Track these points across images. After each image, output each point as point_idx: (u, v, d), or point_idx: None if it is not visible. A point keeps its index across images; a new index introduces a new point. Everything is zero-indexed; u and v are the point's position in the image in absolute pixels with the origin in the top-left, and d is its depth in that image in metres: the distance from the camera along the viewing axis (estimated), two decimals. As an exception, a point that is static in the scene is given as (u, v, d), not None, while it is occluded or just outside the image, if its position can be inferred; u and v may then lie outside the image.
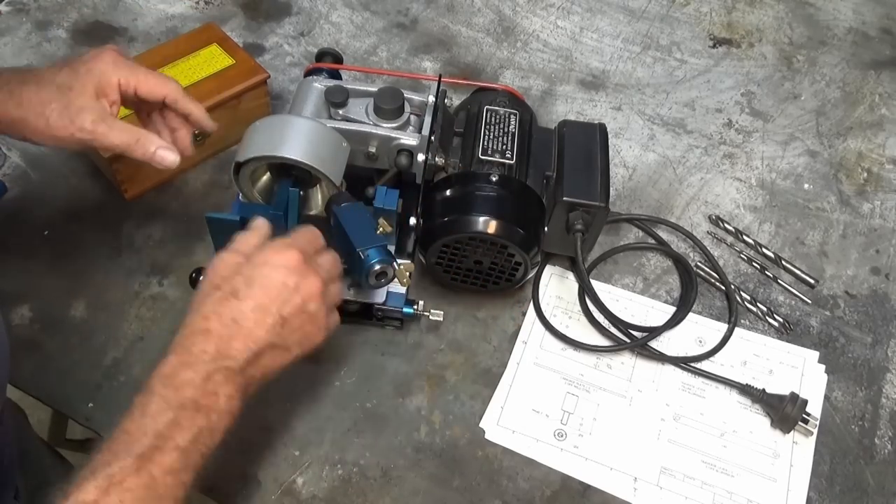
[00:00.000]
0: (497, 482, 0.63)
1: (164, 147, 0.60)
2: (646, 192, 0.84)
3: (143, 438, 0.45)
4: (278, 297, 0.51)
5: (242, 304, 0.51)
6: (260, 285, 0.51)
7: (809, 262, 0.79)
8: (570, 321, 0.73)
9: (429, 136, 0.67)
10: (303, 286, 0.52)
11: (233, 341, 0.50)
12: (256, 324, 0.51)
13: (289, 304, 0.52)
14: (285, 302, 0.52)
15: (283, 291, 0.52)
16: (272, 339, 0.51)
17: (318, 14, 1.00)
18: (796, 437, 0.67)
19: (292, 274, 0.52)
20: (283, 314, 0.51)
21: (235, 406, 0.49)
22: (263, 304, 0.51)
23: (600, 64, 0.98)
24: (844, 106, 0.95)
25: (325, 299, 0.54)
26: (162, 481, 0.44)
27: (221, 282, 0.52)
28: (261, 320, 0.51)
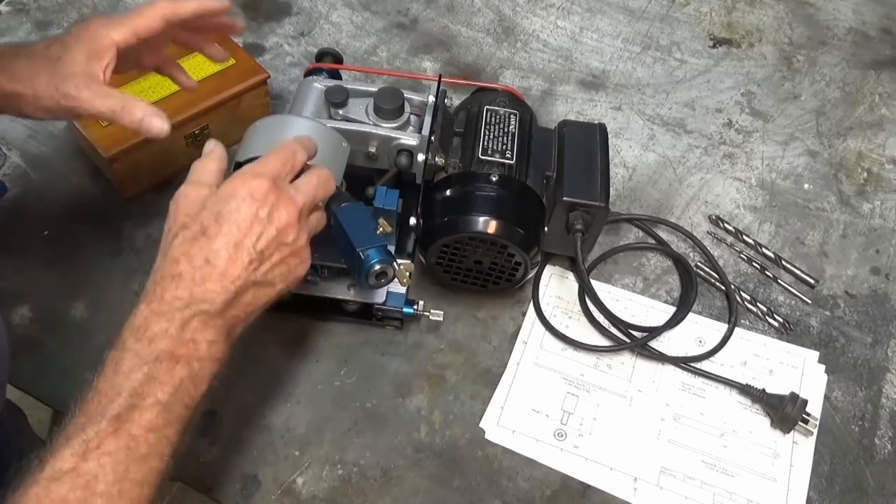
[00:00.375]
0: (497, 482, 0.63)
1: (151, 114, 0.54)
2: (646, 192, 0.84)
3: (118, 398, 0.43)
4: (251, 231, 0.48)
5: (213, 242, 0.48)
6: (230, 220, 0.48)
7: (809, 262, 0.79)
8: (570, 321, 0.73)
9: (429, 136, 0.67)
10: (276, 216, 0.49)
11: (207, 283, 0.47)
12: (231, 262, 0.48)
13: (263, 236, 0.49)
14: (260, 235, 0.48)
15: (255, 224, 0.48)
16: (251, 276, 0.48)
17: (318, 14, 1.00)
18: (796, 437, 0.67)
19: (263, 204, 0.49)
20: (259, 248, 0.48)
21: (220, 350, 0.48)
22: (236, 239, 0.48)
23: (600, 64, 0.98)
24: (844, 106, 0.95)
25: (303, 227, 0.51)
26: (143, 440, 0.43)
27: (188, 219, 0.49)
28: (235, 257, 0.48)
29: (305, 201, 0.52)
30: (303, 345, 0.69)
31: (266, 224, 0.49)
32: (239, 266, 0.48)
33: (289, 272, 0.51)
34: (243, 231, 0.48)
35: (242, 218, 0.48)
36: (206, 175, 0.51)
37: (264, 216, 0.49)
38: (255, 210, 0.49)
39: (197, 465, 0.62)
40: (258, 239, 0.48)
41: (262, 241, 0.49)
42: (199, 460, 0.62)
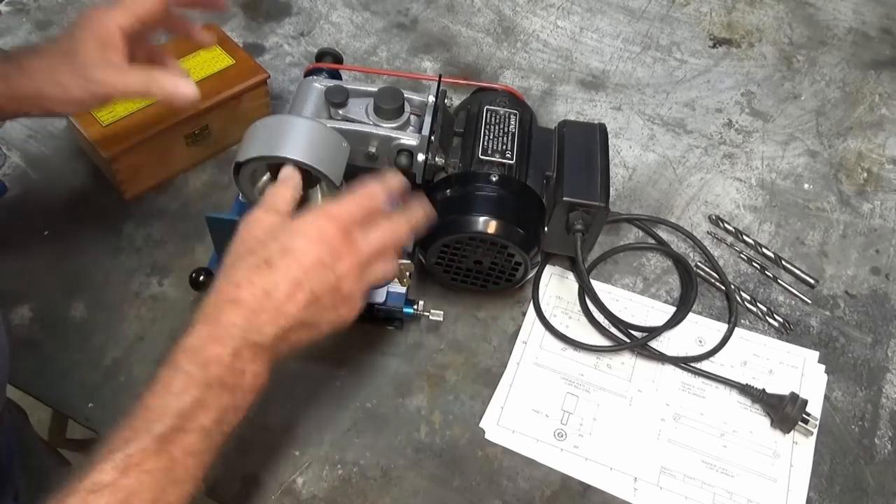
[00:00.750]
0: (497, 482, 0.63)
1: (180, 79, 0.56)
2: (646, 192, 0.84)
3: (165, 417, 0.43)
4: (312, 273, 0.48)
5: (276, 275, 0.48)
6: (295, 257, 0.48)
7: (809, 262, 0.79)
8: (570, 321, 0.73)
9: (429, 136, 0.67)
10: (339, 265, 0.49)
11: (263, 314, 0.47)
12: (288, 299, 0.48)
13: (324, 282, 0.49)
14: (320, 280, 0.49)
15: (317, 268, 0.48)
16: (303, 316, 0.48)
17: (318, 14, 1.00)
18: (796, 437, 0.67)
19: (331, 250, 0.49)
20: (317, 292, 0.48)
21: (261, 384, 0.48)
22: (297, 278, 0.48)
23: (600, 64, 0.98)
24: (844, 106, 0.95)
25: (362, 279, 0.51)
26: (182, 463, 0.43)
27: (256, 245, 0.49)
28: (293, 296, 0.48)
29: (371, 253, 0.51)
30: (303, 345, 0.69)
31: (328, 270, 0.49)
32: (294, 305, 0.48)
33: (336, 318, 0.51)
34: (305, 272, 0.48)
35: (307, 259, 0.48)
36: (281, 203, 0.52)
37: (328, 262, 0.49)
38: (320, 254, 0.49)
39: (197, 465, 0.62)
40: (318, 283, 0.49)
41: (321, 286, 0.49)
42: (199, 460, 0.62)
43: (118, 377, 0.66)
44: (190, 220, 0.77)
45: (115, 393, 0.65)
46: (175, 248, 0.75)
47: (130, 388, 0.66)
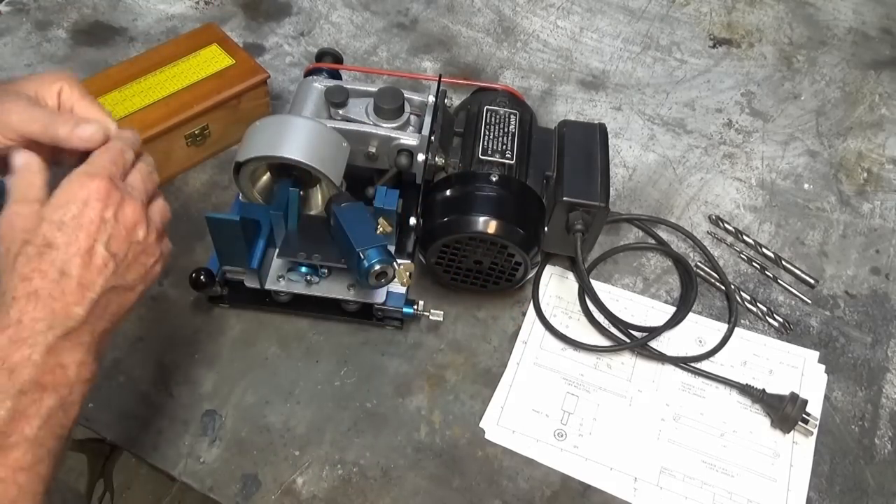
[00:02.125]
0: (497, 482, 0.63)
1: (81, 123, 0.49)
2: (646, 192, 0.84)
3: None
4: (100, 234, 0.45)
5: (62, 251, 0.44)
6: (74, 226, 0.45)
7: (809, 262, 0.79)
8: (570, 321, 0.73)
9: (429, 136, 0.67)
10: (121, 215, 0.47)
11: (66, 297, 0.44)
12: (86, 268, 0.45)
13: (114, 237, 0.46)
14: (110, 237, 0.46)
15: (102, 226, 0.46)
16: (109, 280, 0.46)
17: (318, 14, 1.00)
18: (796, 437, 0.67)
19: (108, 204, 0.46)
20: (112, 250, 0.46)
21: (90, 371, 0.45)
22: (86, 245, 0.45)
23: (600, 64, 0.98)
24: (844, 106, 0.95)
25: (150, 222, 0.49)
26: (12, 481, 0.40)
27: (27, 236, 0.45)
28: (90, 263, 0.45)
29: (142, 197, 0.49)
30: (303, 345, 0.69)
31: (114, 224, 0.46)
32: (95, 272, 0.45)
33: (146, 272, 0.49)
34: (92, 235, 0.45)
35: (88, 221, 0.45)
36: (32, 191, 0.47)
37: (110, 217, 0.46)
38: (99, 212, 0.46)
39: (197, 465, 0.62)
40: (109, 240, 0.46)
41: (113, 242, 0.46)
42: (199, 460, 0.62)
43: (118, 377, 0.66)
44: (190, 220, 0.77)
45: (115, 393, 0.65)
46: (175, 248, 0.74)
47: (130, 388, 0.66)
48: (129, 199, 0.47)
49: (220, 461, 0.62)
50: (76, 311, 0.44)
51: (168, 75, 0.78)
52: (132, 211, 0.47)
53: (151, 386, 0.66)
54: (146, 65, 0.79)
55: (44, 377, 0.42)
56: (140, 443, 0.63)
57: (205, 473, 0.62)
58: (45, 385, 0.42)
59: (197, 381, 0.66)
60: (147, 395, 0.65)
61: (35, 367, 0.42)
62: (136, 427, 0.63)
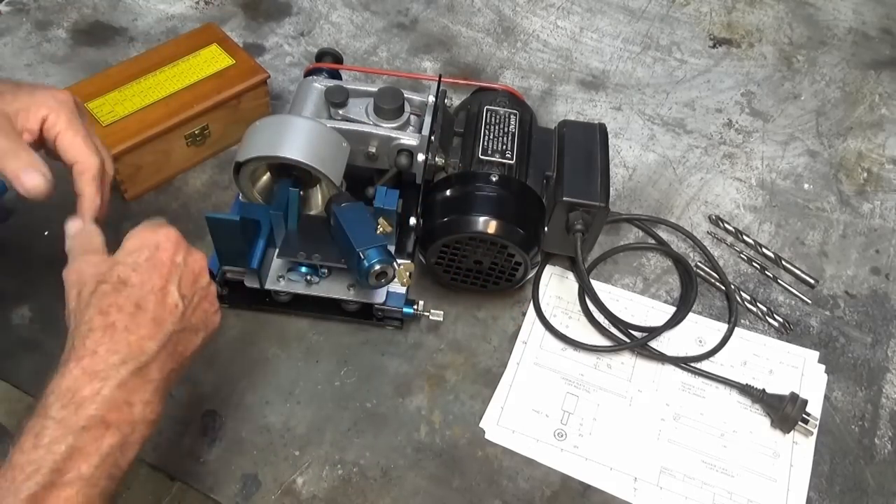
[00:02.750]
0: (497, 482, 0.63)
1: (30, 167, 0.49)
2: (646, 192, 0.84)
3: (35, 475, 0.38)
4: (171, 275, 0.47)
5: (138, 288, 0.45)
6: (148, 267, 0.46)
7: (809, 262, 0.79)
8: (570, 321, 0.73)
9: (429, 136, 0.67)
10: (190, 260, 0.49)
11: (141, 329, 0.44)
12: (160, 306, 0.45)
13: (184, 280, 0.47)
14: (181, 279, 0.47)
15: (174, 269, 0.47)
16: (179, 321, 0.46)
17: (318, 14, 1.00)
18: (796, 437, 0.67)
19: (177, 250, 0.48)
20: (183, 292, 0.47)
21: (154, 412, 0.44)
22: (160, 284, 0.46)
23: (600, 64, 0.98)
24: (844, 106, 0.95)
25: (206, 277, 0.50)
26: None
27: (101, 277, 0.45)
28: (163, 301, 0.46)
29: None
30: (303, 345, 0.69)
31: (184, 268, 0.48)
32: (167, 310, 0.46)
33: (207, 318, 0.50)
34: (165, 276, 0.47)
35: (161, 263, 0.47)
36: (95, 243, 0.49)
37: (180, 261, 0.48)
38: (171, 255, 0.47)
39: (197, 465, 0.62)
40: (180, 282, 0.47)
41: (183, 285, 0.48)
42: (199, 460, 0.62)
43: (118, 377, 0.66)
44: (190, 220, 0.77)
45: (115, 393, 0.65)
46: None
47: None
48: (194, 248, 0.50)
49: (220, 461, 0.62)
50: (150, 346, 0.44)
51: (168, 75, 0.78)
52: (199, 258, 0.50)
53: (151, 386, 0.66)
54: (146, 65, 0.79)
55: (109, 414, 0.42)
56: (140, 443, 0.63)
57: (205, 473, 0.62)
58: (110, 423, 0.42)
59: (197, 381, 0.66)
60: (147, 395, 0.65)
61: (104, 402, 0.41)
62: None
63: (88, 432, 0.41)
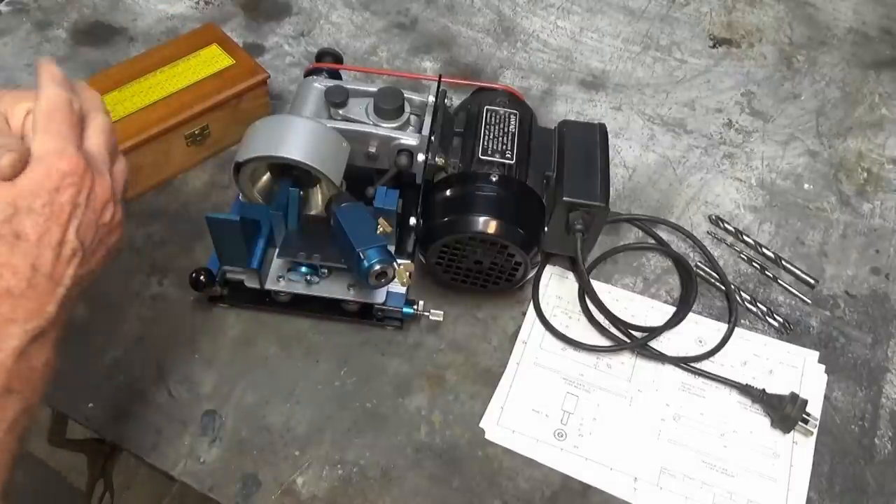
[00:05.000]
0: (497, 482, 0.63)
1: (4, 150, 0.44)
2: (646, 192, 0.84)
3: None
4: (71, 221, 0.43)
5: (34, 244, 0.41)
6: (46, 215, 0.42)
7: (809, 262, 0.79)
8: (570, 321, 0.73)
9: (429, 136, 0.67)
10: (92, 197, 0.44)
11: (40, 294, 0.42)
12: (57, 261, 0.42)
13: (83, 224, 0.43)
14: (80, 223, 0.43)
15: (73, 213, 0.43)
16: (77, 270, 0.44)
17: (318, 14, 1.00)
18: (796, 437, 0.67)
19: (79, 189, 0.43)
20: (81, 238, 0.43)
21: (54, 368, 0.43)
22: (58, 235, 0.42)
23: (600, 64, 0.98)
24: (844, 106, 0.95)
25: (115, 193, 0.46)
26: None
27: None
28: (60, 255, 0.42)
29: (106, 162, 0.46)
30: (303, 345, 0.69)
31: (84, 209, 0.44)
32: (64, 263, 0.43)
33: (108, 251, 0.47)
34: (63, 225, 0.42)
35: (59, 209, 0.42)
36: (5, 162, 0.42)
37: (82, 201, 0.43)
38: (71, 197, 0.43)
39: (197, 465, 0.62)
40: (79, 227, 0.43)
41: (82, 229, 0.44)
42: (199, 460, 0.62)
43: (118, 377, 0.66)
44: (190, 220, 0.77)
45: (115, 393, 0.65)
46: (175, 248, 0.75)
47: (130, 387, 0.66)
48: (100, 177, 0.45)
49: (220, 461, 0.62)
50: (49, 309, 0.42)
51: (168, 75, 0.78)
52: (102, 191, 0.45)
53: (151, 386, 0.66)
54: (146, 65, 0.79)
55: (12, 382, 0.40)
56: (140, 443, 0.63)
57: (205, 473, 0.62)
58: (13, 390, 0.40)
59: (197, 381, 0.66)
60: (147, 395, 0.65)
61: (6, 372, 0.40)
62: (136, 427, 0.63)
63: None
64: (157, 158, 0.77)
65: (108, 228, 0.46)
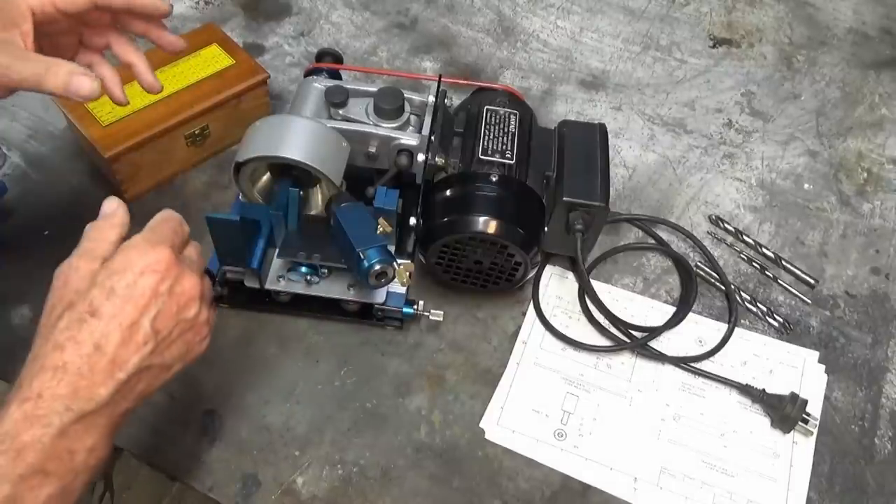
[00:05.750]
0: (497, 482, 0.63)
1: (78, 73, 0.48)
2: (646, 192, 0.84)
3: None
4: (149, 308, 0.43)
5: (104, 323, 0.41)
6: (124, 296, 0.42)
7: (809, 262, 0.79)
8: (570, 321, 0.73)
9: (429, 136, 0.67)
10: (177, 289, 0.44)
11: (94, 376, 0.41)
12: (124, 345, 0.42)
13: (162, 313, 0.43)
14: (159, 312, 0.43)
15: (154, 300, 0.43)
16: (145, 360, 0.43)
17: (318, 14, 1.00)
18: (796, 437, 0.67)
19: (164, 278, 0.44)
20: (158, 326, 0.43)
21: (99, 457, 0.42)
22: (131, 318, 0.42)
23: (600, 64, 0.98)
24: (844, 106, 0.95)
25: (203, 300, 0.47)
26: None
27: (76, 297, 0.42)
28: (129, 340, 0.42)
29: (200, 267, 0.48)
30: (303, 345, 0.69)
31: (167, 300, 0.44)
32: (132, 349, 0.42)
33: (187, 351, 0.47)
34: (140, 309, 0.43)
35: (140, 293, 0.43)
36: (103, 246, 0.45)
37: (164, 291, 0.44)
38: (154, 284, 0.43)
39: (197, 465, 0.62)
40: (156, 316, 0.43)
41: (160, 318, 0.43)
42: (199, 460, 0.62)
43: (118, 377, 0.66)
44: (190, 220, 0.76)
45: (115, 393, 0.65)
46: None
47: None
48: (189, 273, 0.46)
49: (220, 461, 0.62)
50: (99, 393, 0.41)
51: (168, 75, 0.78)
52: (190, 286, 0.45)
53: (151, 386, 0.66)
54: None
55: (49, 463, 0.39)
56: (140, 443, 0.63)
57: (205, 473, 0.62)
58: (49, 472, 0.39)
59: (197, 381, 0.66)
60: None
61: (43, 451, 0.39)
62: (135, 427, 0.63)
63: (26, 482, 0.39)
64: (157, 158, 0.77)
65: (190, 325, 0.46)
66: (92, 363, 0.41)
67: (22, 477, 0.38)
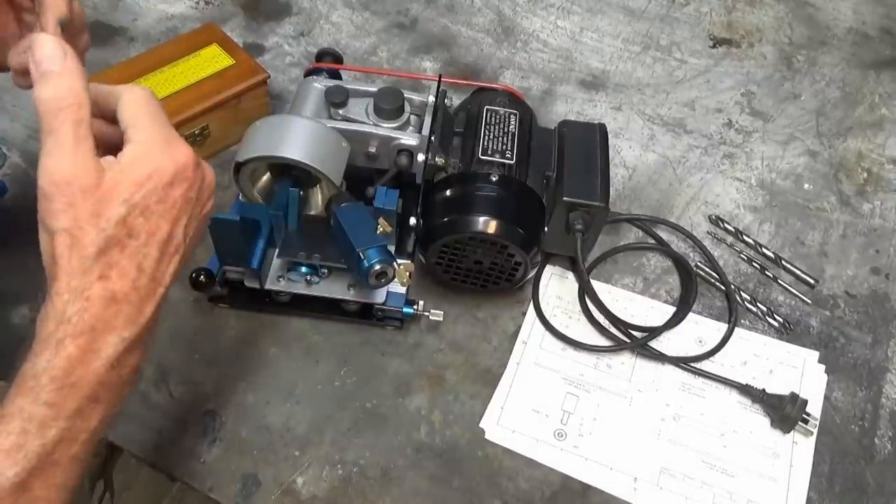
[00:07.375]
0: (497, 482, 0.63)
1: None
2: (646, 192, 0.84)
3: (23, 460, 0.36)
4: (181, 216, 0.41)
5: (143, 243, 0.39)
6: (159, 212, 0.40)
7: (809, 262, 0.79)
8: (570, 321, 0.73)
9: (429, 136, 0.67)
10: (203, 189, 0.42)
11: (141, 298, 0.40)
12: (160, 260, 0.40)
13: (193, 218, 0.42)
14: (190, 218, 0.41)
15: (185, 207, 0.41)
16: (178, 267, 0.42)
17: (318, 14, 1.00)
18: (796, 437, 0.67)
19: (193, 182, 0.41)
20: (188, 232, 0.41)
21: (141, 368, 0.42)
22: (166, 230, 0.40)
23: (600, 64, 0.98)
24: (844, 106, 0.95)
25: None
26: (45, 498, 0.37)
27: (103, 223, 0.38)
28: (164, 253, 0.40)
29: None
30: (303, 345, 0.69)
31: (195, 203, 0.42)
32: (166, 261, 0.41)
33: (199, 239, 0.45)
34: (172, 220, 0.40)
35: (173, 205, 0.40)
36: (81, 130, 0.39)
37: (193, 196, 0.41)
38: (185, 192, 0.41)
39: (197, 465, 0.62)
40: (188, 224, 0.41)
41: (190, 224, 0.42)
42: (199, 460, 0.62)
43: (118, 377, 0.66)
44: (190, 220, 0.77)
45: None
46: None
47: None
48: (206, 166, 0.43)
49: (220, 461, 0.62)
50: (145, 315, 0.40)
51: (168, 75, 0.78)
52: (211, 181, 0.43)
53: (151, 386, 0.66)
54: (146, 65, 0.79)
55: (100, 391, 0.39)
56: (140, 443, 0.63)
57: (205, 473, 0.62)
58: (101, 399, 0.39)
59: (197, 381, 0.66)
60: (147, 396, 0.65)
61: (98, 381, 0.38)
62: (136, 427, 0.63)
63: (81, 414, 0.38)
64: (157, 158, 0.77)
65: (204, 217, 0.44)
66: (137, 286, 0.39)
67: (78, 410, 0.38)
